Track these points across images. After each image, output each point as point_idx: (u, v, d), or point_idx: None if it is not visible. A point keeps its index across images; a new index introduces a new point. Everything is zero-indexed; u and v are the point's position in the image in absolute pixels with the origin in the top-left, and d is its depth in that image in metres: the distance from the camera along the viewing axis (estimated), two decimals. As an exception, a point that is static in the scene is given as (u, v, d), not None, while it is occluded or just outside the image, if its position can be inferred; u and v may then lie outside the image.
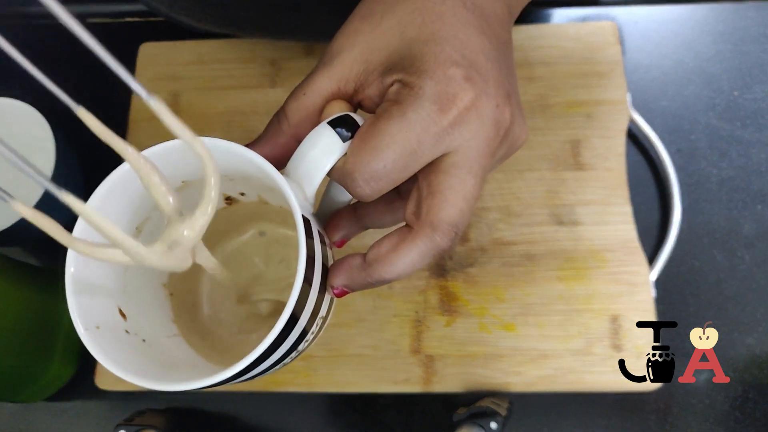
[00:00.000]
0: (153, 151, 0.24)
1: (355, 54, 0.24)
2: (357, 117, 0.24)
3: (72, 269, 0.24)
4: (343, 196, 0.29)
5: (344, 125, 0.24)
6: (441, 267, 0.44)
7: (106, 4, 0.57)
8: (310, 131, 0.24)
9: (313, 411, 0.44)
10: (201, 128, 0.21)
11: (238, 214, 0.33)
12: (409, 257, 0.24)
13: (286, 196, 0.23)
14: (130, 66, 0.52)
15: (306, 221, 0.23)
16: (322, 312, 0.26)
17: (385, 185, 0.23)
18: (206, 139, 0.24)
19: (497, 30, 0.25)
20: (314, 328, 0.26)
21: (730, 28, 0.51)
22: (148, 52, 0.52)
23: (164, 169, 0.25)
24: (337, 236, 0.28)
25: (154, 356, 0.27)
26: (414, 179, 0.25)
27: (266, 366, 0.24)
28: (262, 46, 0.52)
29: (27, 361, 0.42)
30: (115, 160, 0.21)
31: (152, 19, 0.52)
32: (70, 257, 0.24)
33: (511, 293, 0.43)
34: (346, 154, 0.24)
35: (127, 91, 0.51)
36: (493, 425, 0.38)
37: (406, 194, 0.26)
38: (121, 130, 0.50)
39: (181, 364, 0.28)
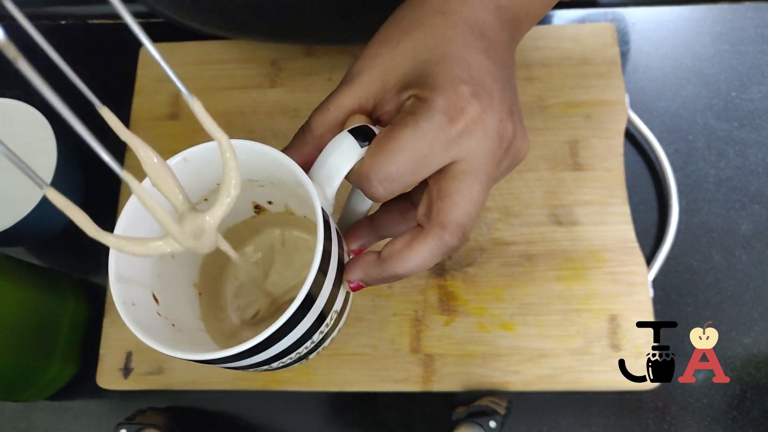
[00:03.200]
0: (192, 151, 0.27)
1: (374, 74, 0.27)
2: (374, 128, 0.27)
3: (113, 262, 0.27)
4: (362, 207, 0.30)
5: (362, 133, 0.26)
6: (440, 266, 0.44)
7: (107, 6, 0.57)
8: None
9: (313, 410, 0.44)
10: (201, 128, 0.22)
11: (264, 223, 0.34)
12: (420, 254, 0.26)
13: (307, 187, 0.26)
14: (131, 67, 0.52)
15: (325, 215, 0.25)
16: (337, 306, 0.28)
17: (398, 187, 0.26)
18: (240, 141, 0.26)
19: (501, 54, 0.28)
20: (329, 320, 0.27)
21: (728, 29, 0.51)
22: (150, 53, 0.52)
23: (200, 169, 0.27)
24: (356, 245, 0.30)
25: (182, 339, 0.29)
26: (424, 190, 0.27)
27: (283, 347, 0.25)
28: (263, 47, 0.52)
29: (28, 361, 0.42)
30: (118, 160, 0.21)
31: (153, 20, 0.53)
32: (112, 255, 0.27)
33: (509, 293, 0.43)
34: (363, 158, 0.26)
35: (128, 91, 0.51)
36: (492, 424, 0.38)
37: (419, 204, 0.28)
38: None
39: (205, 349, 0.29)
